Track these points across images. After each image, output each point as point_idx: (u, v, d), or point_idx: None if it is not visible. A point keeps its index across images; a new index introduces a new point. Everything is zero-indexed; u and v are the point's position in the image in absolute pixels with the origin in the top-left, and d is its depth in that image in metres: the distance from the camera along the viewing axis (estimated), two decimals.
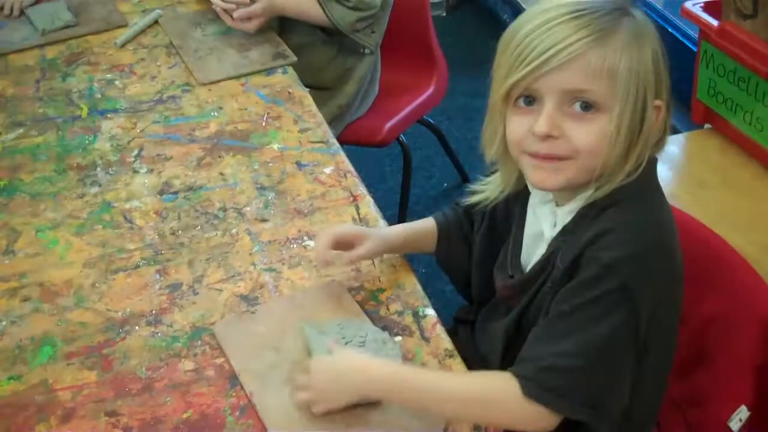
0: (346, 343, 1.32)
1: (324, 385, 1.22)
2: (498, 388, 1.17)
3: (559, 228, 1.25)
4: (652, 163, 1.20)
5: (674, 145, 2.16)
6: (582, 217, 1.20)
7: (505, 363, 1.30)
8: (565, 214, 1.23)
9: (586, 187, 1.19)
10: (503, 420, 1.18)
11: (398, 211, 2.59)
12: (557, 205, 1.26)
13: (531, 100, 1.16)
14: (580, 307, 1.12)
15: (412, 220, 2.64)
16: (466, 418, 1.21)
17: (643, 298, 1.12)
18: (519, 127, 1.17)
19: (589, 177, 1.16)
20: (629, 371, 1.16)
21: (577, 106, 1.13)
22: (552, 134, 1.13)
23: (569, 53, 1.11)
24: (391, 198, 2.69)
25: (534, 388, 1.13)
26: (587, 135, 1.13)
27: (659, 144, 1.20)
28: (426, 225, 1.48)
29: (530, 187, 1.29)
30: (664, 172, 2.04)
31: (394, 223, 1.53)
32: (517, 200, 1.35)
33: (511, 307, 1.31)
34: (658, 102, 1.16)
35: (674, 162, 2.11)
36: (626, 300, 1.11)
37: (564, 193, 1.23)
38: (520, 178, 1.29)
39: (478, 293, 1.45)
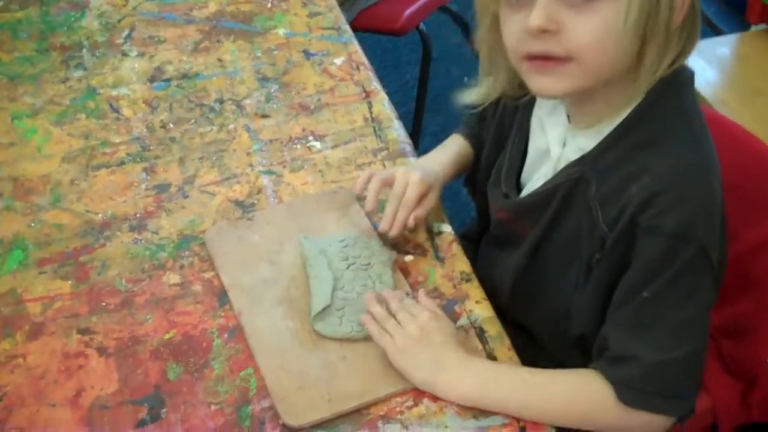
0: (348, 267, 1.17)
1: (411, 344, 1.05)
2: (593, 400, 1.01)
3: (572, 150, 1.07)
4: (687, 80, 1.01)
5: (724, 47, 1.95)
6: (607, 149, 1.02)
7: (513, 297, 1.16)
8: (583, 136, 1.06)
9: (600, 102, 1.01)
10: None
11: (414, 107, 2.41)
12: (570, 121, 1.08)
13: None
14: (663, 291, 0.96)
15: (428, 116, 2.53)
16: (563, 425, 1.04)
17: (714, 248, 0.97)
18: (513, 27, 0.98)
19: (597, 80, 0.97)
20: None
21: None
22: (548, 28, 0.93)
23: None
24: (407, 92, 2.51)
25: (636, 396, 0.98)
26: (590, 27, 0.93)
27: (689, 41, 0.99)
28: (464, 147, 1.31)
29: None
30: (711, 75, 1.85)
31: (408, 121, 1.34)
32: (520, 106, 1.16)
33: (516, 235, 1.14)
34: None
35: (724, 65, 1.90)
36: (706, 263, 0.96)
37: (576, 105, 1.05)
38: (514, 81, 1.09)
39: (482, 210, 1.29)
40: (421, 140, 2.46)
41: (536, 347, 1.17)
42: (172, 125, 1.41)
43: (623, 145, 0.99)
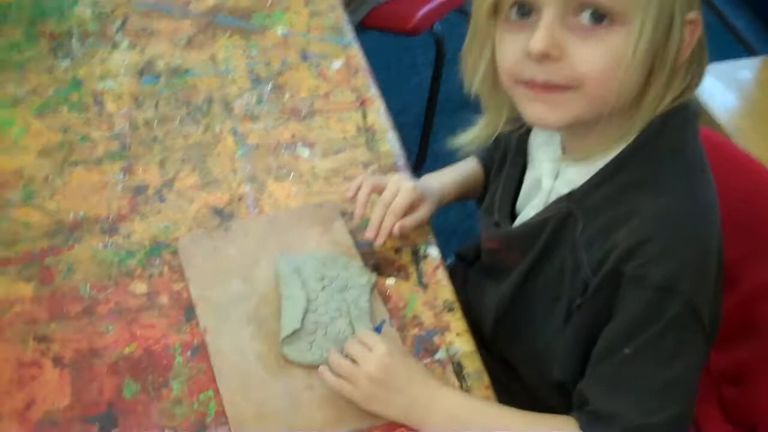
0: (323, 288, 1.10)
1: (376, 390, 0.97)
2: None
3: (563, 183, 0.99)
4: (691, 116, 0.93)
5: (746, 70, 1.86)
6: (596, 186, 0.94)
7: (497, 330, 1.10)
8: (574, 169, 0.98)
9: (595, 135, 0.92)
10: None
11: (425, 109, 2.34)
12: (564, 152, 1.01)
13: (526, 9, 0.87)
14: (646, 347, 0.88)
15: (440, 119, 2.45)
16: None
17: (705, 304, 0.89)
18: (511, 48, 0.90)
19: (599, 111, 0.89)
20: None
21: (585, 17, 0.84)
22: (551, 54, 0.85)
23: None
24: (419, 94, 2.43)
25: None
26: (596, 56, 0.85)
27: (695, 78, 0.91)
28: (474, 171, 1.24)
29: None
30: (729, 100, 1.76)
31: (414, 129, 1.27)
32: (516, 133, 1.08)
33: (505, 266, 1.07)
34: (692, 15, 0.87)
35: (744, 90, 1.81)
36: (695, 319, 0.88)
37: (571, 136, 0.98)
38: (514, 114, 1.02)
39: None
40: (432, 143, 2.39)
41: (519, 384, 1.11)
42: (156, 123, 1.35)
43: (613, 184, 0.92)
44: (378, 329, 1.08)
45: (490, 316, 1.09)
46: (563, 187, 0.98)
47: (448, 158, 1.17)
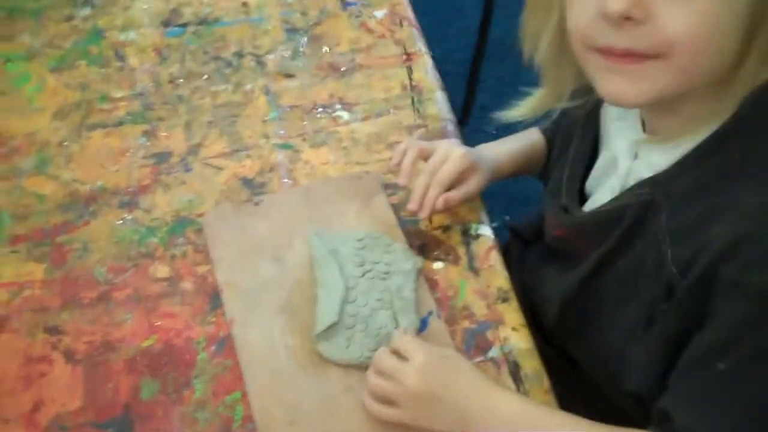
0: (364, 274, 0.98)
1: (421, 406, 0.86)
2: None
3: (644, 165, 0.85)
4: None
5: None
6: (684, 172, 0.80)
7: (560, 323, 0.97)
8: (658, 151, 0.84)
9: (684, 113, 0.79)
10: None
11: (473, 54, 2.18)
12: (645, 130, 0.87)
13: None
14: (744, 364, 0.74)
15: (488, 66, 2.29)
16: None
17: None
18: (584, 8, 0.75)
19: (688, 85, 0.75)
20: None
21: None
22: (633, 15, 0.71)
23: None
24: (466, 38, 2.26)
25: None
26: (688, 17, 0.71)
27: None
28: (535, 143, 1.11)
29: None
30: None
31: (458, 78, 1.12)
32: (587, 104, 0.95)
33: (573, 254, 0.94)
34: None
35: None
36: None
37: (655, 113, 0.84)
38: (582, 86, 0.88)
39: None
40: (478, 95, 2.23)
41: (584, 383, 0.98)
42: (182, 80, 1.23)
43: (704, 170, 0.78)
44: (424, 323, 0.96)
45: (554, 307, 0.97)
46: (644, 170, 0.84)
47: (498, 111, 1.04)
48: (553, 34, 0.82)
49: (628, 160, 0.87)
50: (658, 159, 0.82)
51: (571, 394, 0.93)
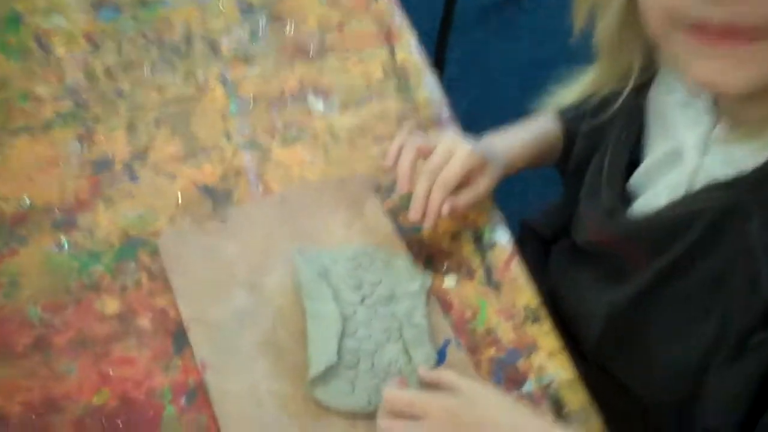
0: (363, 299, 0.80)
1: None
2: None
3: (720, 162, 0.69)
4: None
5: None
6: None
7: (603, 342, 0.81)
8: (741, 147, 0.67)
9: None
10: None
11: (439, 24, 1.99)
12: (721, 121, 0.70)
13: None
14: None
15: (454, 38, 2.11)
16: None
17: None
18: None
19: None
20: None
21: None
22: None
23: None
24: (432, 5, 2.08)
25: None
26: None
27: None
28: (550, 132, 0.94)
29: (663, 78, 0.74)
30: None
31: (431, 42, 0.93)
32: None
33: (621, 264, 0.77)
34: None
35: None
36: None
37: (743, 102, 0.67)
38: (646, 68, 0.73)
39: (568, 202, 0.92)
40: (446, 69, 2.05)
41: (629, 400, 0.82)
42: (120, 73, 1.03)
43: None
44: (441, 354, 0.79)
45: (597, 322, 0.80)
46: (720, 168, 0.68)
47: (466, 85, 0.87)
48: (619, 8, 0.65)
49: (697, 155, 0.70)
50: (741, 155, 0.66)
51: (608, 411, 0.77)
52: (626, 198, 0.77)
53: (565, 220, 0.91)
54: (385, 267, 0.83)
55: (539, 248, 0.96)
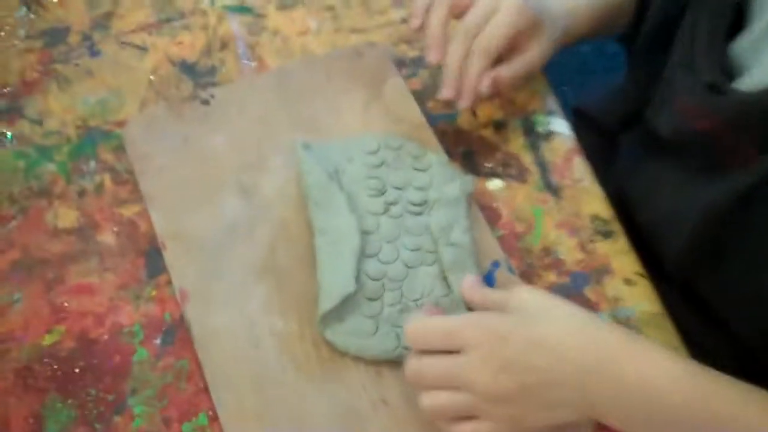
0: (386, 209, 0.62)
1: (532, 402, 0.51)
2: None
3: None
4: None
5: None
6: None
7: (686, 261, 0.63)
8: None
9: None
10: None
11: None
12: None
13: None
14: None
15: None
16: None
17: None
18: None
19: None
20: None
21: None
22: None
23: None
24: None
25: None
26: None
27: None
28: None
29: None
30: None
31: None
32: None
33: (722, 155, 0.58)
34: None
35: None
36: None
37: None
38: None
39: (641, 86, 0.72)
40: None
41: (719, 334, 0.65)
42: None
43: None
44: (488, 280, 0.61)
45: (686, 229, 0.62)
46: None
47: None
48: None
49: None
50: None
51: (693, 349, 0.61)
52: (727, 72, 0.58)
53: (634, 105, 0.72)
54: (415, 165, 0.65)
55: (600, 143, 0.77)
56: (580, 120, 0.81)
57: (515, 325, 0.51)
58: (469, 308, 0.58)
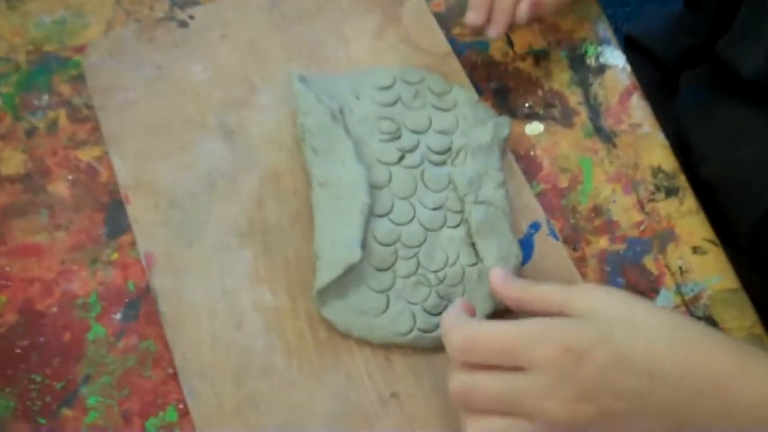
0: (400, 158, 0.51)
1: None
2: None
3: None
4: None
5: None
6: None
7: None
8: None
9: None
10: None
11: None
12: None
13: None
14: None
15: None
16: None
17: None
18: None
19: None
20: None
21: None
22: None
23: None
24: None
25: None
26: None
27: None
28: None
29: None
30: None
31: None
32: None
33: None
34: None
35: None
36: None
37: None
38: None
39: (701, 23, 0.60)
40: None
41: None
42: None
43: None
44: (527, 246, 0.50)
45: (766, 190, 0.51)
46: None
47: None
48: None
49: None
50: None
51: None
52: None
53: (699, 36, 0.60)
54: (438, 104, 0.53)
55: (657, 80, 0.65)
56: (632, 52, 0.69)
57: (594, 339, 0.39)
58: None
